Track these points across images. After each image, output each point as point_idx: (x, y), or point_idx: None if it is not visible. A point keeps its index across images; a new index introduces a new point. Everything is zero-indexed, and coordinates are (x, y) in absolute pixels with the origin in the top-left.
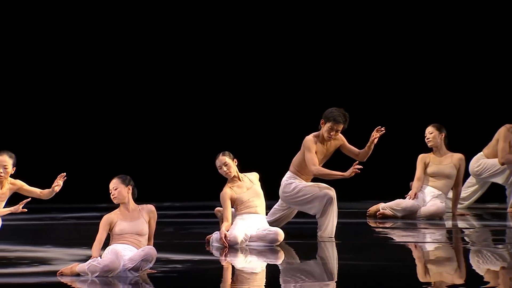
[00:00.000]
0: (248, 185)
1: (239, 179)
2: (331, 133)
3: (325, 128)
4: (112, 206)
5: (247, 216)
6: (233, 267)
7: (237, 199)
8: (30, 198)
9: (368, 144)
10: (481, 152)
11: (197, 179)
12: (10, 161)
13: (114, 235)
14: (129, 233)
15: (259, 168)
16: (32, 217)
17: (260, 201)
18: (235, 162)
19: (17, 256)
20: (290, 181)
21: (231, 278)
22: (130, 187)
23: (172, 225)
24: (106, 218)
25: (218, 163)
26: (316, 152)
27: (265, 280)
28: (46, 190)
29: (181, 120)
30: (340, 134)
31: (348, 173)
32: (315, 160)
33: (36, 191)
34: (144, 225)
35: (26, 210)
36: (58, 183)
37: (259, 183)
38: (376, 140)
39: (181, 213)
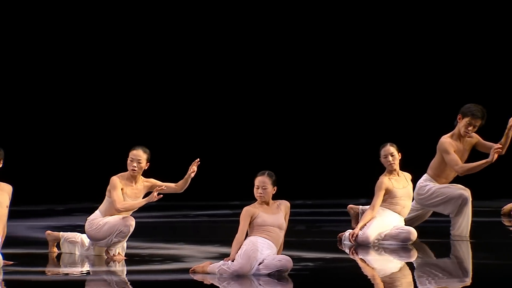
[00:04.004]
0: (404, 183)
1: (398, 174)
2: (469, 129)
3: (462, 123)
4: (244, 204)
5: (389, 213)
6: (365, 265)
7: (392, 191)
8: (165, 186)
9: (506, 132)
10: None
11: (329, 177)
12: (144, 156)
13: (256, 226)
14: (271, 225)
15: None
16: (165, 214)
17: (409, 203)
18: (400, 155)
19: (150, 254)
20: (425, 184)
21: (364, 277)
22: (276, 188)
23: (304, 223)
24: (248, 210)
25: (384, 152)
26: (454, 151)
27: (395, 277)
28: (180, 182)
29: (316, 119)
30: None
31: (491, 157)
32: (457, 160)
33: (171, 185)
34: (283, 219)
35: (161, 195)
36: (193, 169)
37: (411, 184)
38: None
39: (312, 211)
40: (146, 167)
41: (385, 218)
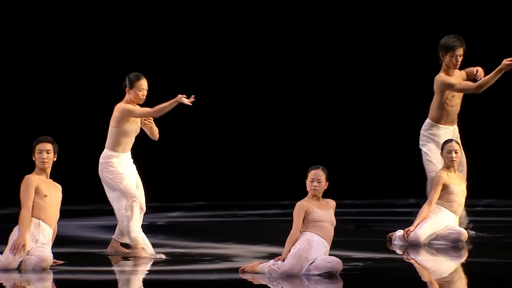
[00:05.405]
0: (459, 182)
1: (454, 172)
2: (457, 61)
3: (447, 59)
4: (293, 203)
5: (445, 213)
6: (416, 265)
7: (449, 187)
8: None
9: (495, 70)
10: None
11: (379, 176)
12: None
13: (311, 222)
14: (325, 222)
15: None
16: (214, 214)
17: (462, 201)
18: (461, 154)
19: (200, 253)
20: (426, 133)
21: (414, 276)
22: (328, 183)
23: (353, 222)
24: (302, 205)
25: (448, 148)
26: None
27: (447, 279)
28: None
29: (367, 119)
30: None
31: (503, 66)
32: (467, 82)
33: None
34: (333, 216)
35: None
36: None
37: (465, 183)
38: (506, 67)
39: (362, 210)
40: None
41: (440, 218)
